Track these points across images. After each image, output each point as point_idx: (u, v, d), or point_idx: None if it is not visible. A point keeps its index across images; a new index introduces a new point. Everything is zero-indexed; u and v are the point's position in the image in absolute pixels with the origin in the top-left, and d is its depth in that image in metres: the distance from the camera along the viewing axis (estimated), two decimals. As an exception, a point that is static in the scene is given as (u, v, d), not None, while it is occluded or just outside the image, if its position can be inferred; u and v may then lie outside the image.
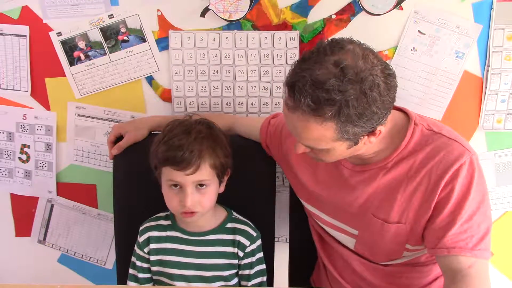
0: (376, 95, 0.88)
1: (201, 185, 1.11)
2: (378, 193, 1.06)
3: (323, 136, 0.93)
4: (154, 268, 1.21)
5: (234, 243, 1.19)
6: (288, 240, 1.42)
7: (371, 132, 0.95)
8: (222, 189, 1.19)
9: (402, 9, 1.35)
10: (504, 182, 1.49)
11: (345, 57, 0.88)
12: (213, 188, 1.14)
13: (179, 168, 1.08)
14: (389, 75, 0.92)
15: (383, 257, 1.13)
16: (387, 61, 1.38)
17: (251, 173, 1.30)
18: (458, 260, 0.96)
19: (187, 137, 1.10)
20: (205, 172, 1.10)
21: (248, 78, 1.43)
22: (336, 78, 0.86)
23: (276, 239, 1.40)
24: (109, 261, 1.63)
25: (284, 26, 1.37)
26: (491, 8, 1.33)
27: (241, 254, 1.19)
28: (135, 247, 1.23)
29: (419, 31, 1.36)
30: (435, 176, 0.99)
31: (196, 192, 1.11)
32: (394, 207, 1.04)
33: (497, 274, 1.58)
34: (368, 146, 1.01)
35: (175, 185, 1.11)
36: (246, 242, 1.18)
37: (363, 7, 1.34)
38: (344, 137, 0.93)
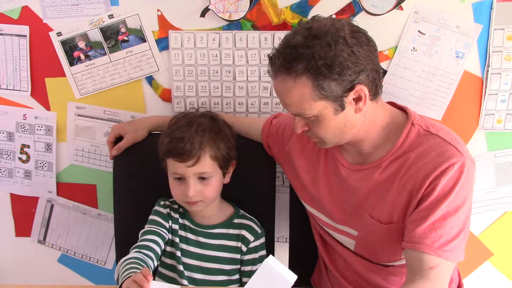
0: (343, 46, 0.92)
1: (203, 177, 1.14)
2: (373, 193, 1.06)
3: (303, 95, 0.95)
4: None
5: (238, 238, 1.21)
6: (288, 240, 1.42)
7: (353, 90, 0.95)
8: (227, 180, 1.21)
9: (402, 9, 1.35)
10: (504, 182, 1.49)
11: (317, 24, 0.96)
12: (216, 179, 1.16)
13: (180, 160, 1.11)
14: (358, 31, 0.97)
15: (383, 258, 1.13)
16: (387, 61, 1.39)
17: (251, 173, 1.30)
18: (421, 258, 0.95)
19: (188, 129, 1.13)
20: (206, 164, 1.13)
21: (248, 78, 1.43)
22: (303, 37, 0.94)
23: (276, 239, 1.40)
24: (109, 261, 1.62)
25: (284, 26, 1.37)
26: (491, 8, 1.33)
27: (244, 249, 1.21)
28: (154, 217, 1.21)
29: (419, 31, 1.36)
30: (422, 174, 0.99)
31: (199, 183, 1.14)
32: (387, 207, 1.04)
33: (497, 274, 1.58)
34: (363, 122, 1.01)
35: (179, 178, 1.14)
36: (250, 237, 1.21)
37: (363, 7, 1.34)
38: (323, 94, 0.94)
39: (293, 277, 0.88)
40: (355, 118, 1.00)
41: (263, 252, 1.23)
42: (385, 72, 1.40)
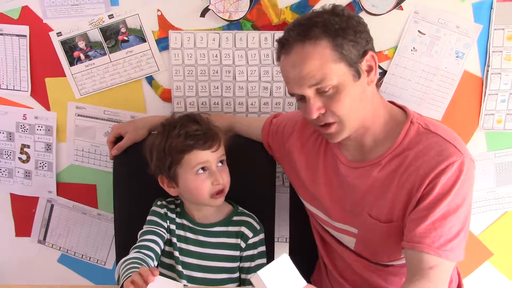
0: (350, 16, 1.00)
1: (221, 162, 1.18)
2: (372, 191, 1.06)
3: (323, 57, 0.96)
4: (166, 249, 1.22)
5: (237, 234, 1.21)
6: (288, 240, 1.42)
7: (366, 56, 0.99)
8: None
9: (402, 9, 1.35)
10: (504, 182, 1.49)
11: (319, 9, 1.03)
12: (226, 165, 1.20)
13: (206, 146, 1.14)
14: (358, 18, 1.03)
15: (383, 257, 1.13)
16: (387, 61, 1.39)
17: (251, 173, 1.30)
18: (421, 258, 0.95)
19: (196, 124, 1.17)
20: (222, 148, 1.18)
21: (248, 78, 1.43)
22: (312, 12, 1.02)
23: (276, 239, 1.40)
24: (109, 261, 1.63)
25: (284, 26, 1.37)
26: (491, 8, 1.33)
27: (243, 245, 1.21)
28: (152, 217, 1.22)
29: (419, 31, 1.36)
30: (422, 173, 0.98)
31: (220, 171, 1.17)
32: (386, 205, 1.04)
33: (497, 274, 1.58)
34: (372, 103, 1.03)
35: (203, 169, 1.15)
36: (249, 233, 1.21)
37: (363, 7, 1.34)
38: (343, 54, 0.96)
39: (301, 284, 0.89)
40: (368, 92, 1.02)
41: (263, 248, 1.23)
42: (385, 72, 1.40)
